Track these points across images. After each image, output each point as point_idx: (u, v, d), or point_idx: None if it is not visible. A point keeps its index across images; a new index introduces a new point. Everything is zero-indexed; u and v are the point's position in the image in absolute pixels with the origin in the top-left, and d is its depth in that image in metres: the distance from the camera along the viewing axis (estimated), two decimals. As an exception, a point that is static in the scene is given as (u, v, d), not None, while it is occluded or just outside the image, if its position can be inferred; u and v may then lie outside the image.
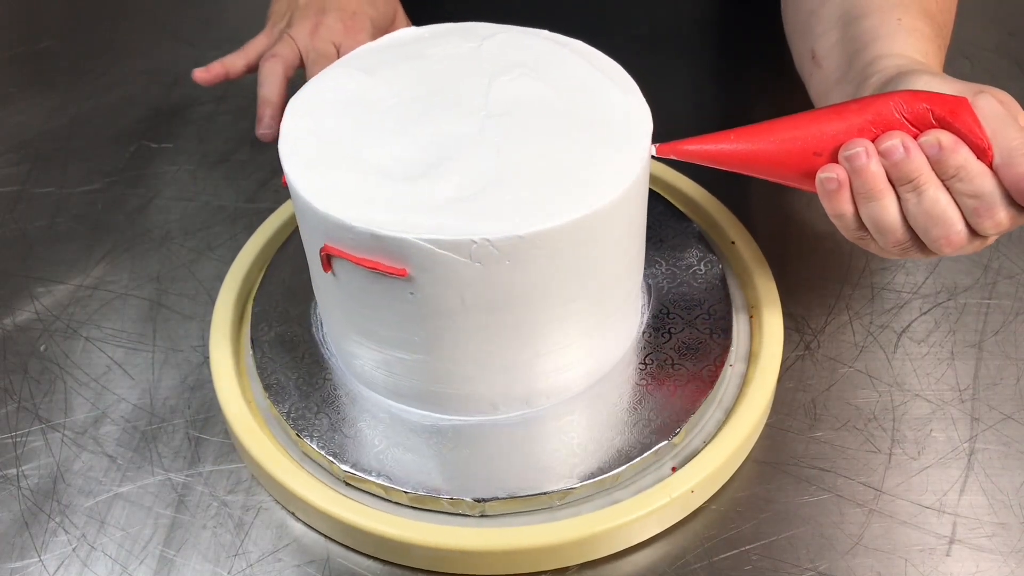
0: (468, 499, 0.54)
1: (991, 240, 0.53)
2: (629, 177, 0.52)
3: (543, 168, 0.52)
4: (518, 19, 0.63)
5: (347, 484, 0.57)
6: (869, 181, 0.51)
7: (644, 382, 0.59)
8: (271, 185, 0.79)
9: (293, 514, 0.58)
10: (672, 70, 0.88)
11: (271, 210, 0.72)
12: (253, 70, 0.73)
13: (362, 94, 0.57)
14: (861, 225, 0.53)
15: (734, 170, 0.54)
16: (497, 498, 0.54)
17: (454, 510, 0.55)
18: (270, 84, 0.69)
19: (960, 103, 0.51)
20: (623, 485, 0.56)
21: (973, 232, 0.52)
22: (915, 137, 0.51)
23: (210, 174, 0.81)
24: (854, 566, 0.54)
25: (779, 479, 0.58)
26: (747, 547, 0.55)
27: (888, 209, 0.52)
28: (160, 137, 0.85)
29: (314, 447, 0.57)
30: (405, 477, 0.55)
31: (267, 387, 0.60)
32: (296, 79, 0.68)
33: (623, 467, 0.55)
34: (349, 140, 0.54)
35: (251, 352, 0.62)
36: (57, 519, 0.58)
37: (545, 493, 0.54)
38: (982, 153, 0.50)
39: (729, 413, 0.59)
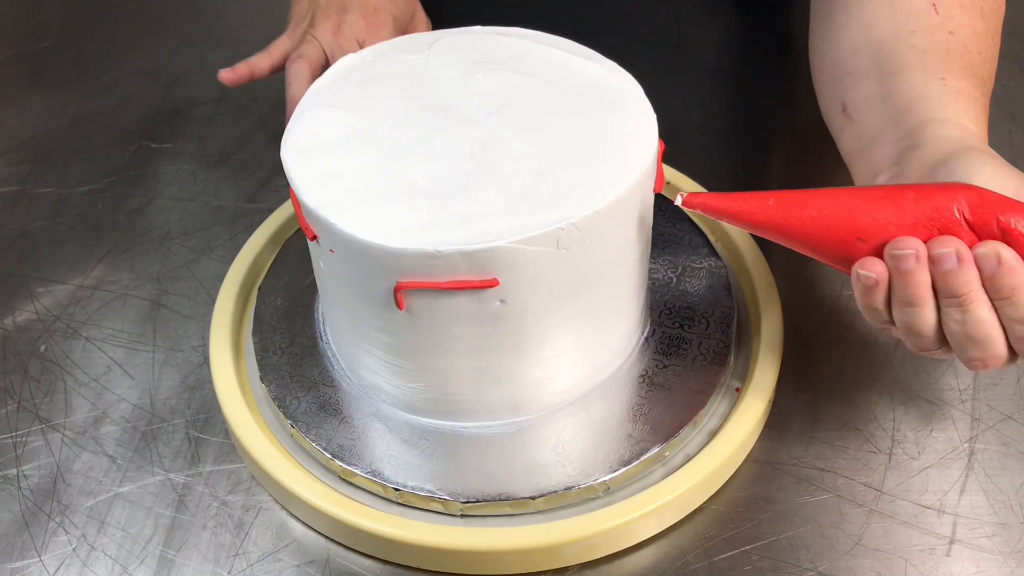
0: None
1: None
2: (652, 134, 0.53)
3: (571, 146, 0.52)
4: (519, 19, 0.63)
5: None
6: (912, 287, 0.46)
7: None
8: (271, 185, 0.79)
9: (293, 514, 0.58)
10: (672, 70, 0.88)
11: (271, 210, 0.72)
12: (278, 70, 0.74)
13: (353, 129, 0.55)
14: (891, 320, 0.49)
15: (765, 237, 0.50)
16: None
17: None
18: (298, 84, 0.70)
19: None
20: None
21: (1014, 354, 0.47)
22: (971, 242, 0.46)
23: (210, 174, 0.81)
24: (854, 566, 0.54)
25: (779, 479, 0.58)
26: (747, 547, 0.55)
27: (925, 318, 0.47)
28: (160, 137, 0.85)
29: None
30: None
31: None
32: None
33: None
34: (372, 175, 0.52)
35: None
36: (57, 519, 0.58)
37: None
38: None
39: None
